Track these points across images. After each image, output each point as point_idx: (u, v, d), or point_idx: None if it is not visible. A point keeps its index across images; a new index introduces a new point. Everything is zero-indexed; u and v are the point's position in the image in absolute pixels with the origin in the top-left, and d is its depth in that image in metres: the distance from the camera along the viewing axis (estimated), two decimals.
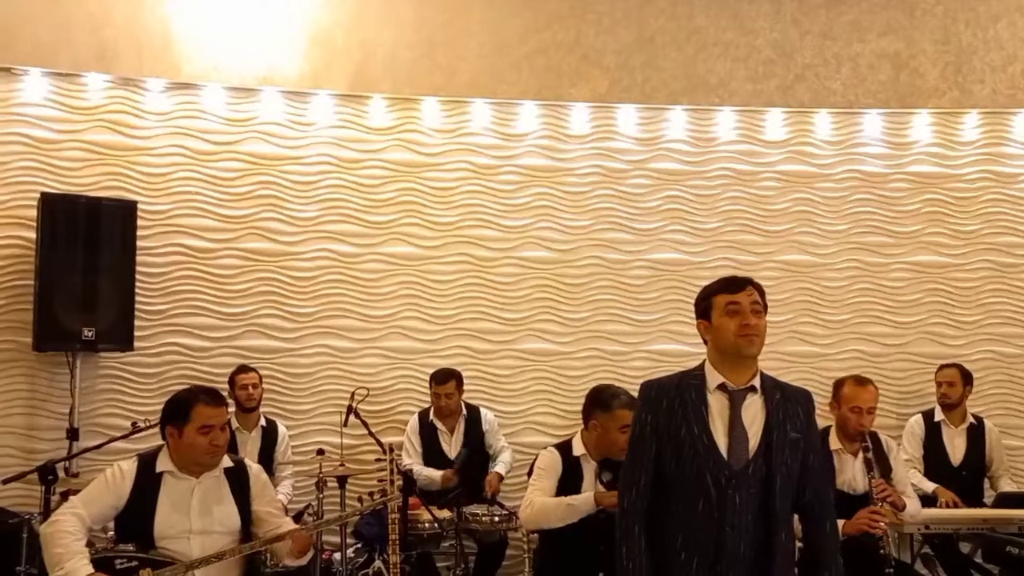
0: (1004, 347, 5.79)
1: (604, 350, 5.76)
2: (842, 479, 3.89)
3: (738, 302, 2.45)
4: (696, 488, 2.40)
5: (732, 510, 2.37)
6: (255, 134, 5.58)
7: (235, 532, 3.15)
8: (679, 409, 2.45)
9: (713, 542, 2.36)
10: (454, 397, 5.14)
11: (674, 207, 5.85)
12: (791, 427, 2.44)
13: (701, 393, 2.46)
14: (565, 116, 5.83)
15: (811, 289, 5.83)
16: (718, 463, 2.39)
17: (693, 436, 2.41)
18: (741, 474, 2.38)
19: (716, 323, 2.46)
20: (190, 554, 3.03)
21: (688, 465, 2.41)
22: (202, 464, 3.10)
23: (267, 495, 3.26)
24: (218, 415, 3.09)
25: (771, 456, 2.39)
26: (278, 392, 5.47)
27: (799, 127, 5.90)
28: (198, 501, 3.11)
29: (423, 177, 5.70)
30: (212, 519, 3.11)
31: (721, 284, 2.54)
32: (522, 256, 5.76)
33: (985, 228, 5.85)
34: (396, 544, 3.32)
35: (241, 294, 5.51)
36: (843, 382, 3.98)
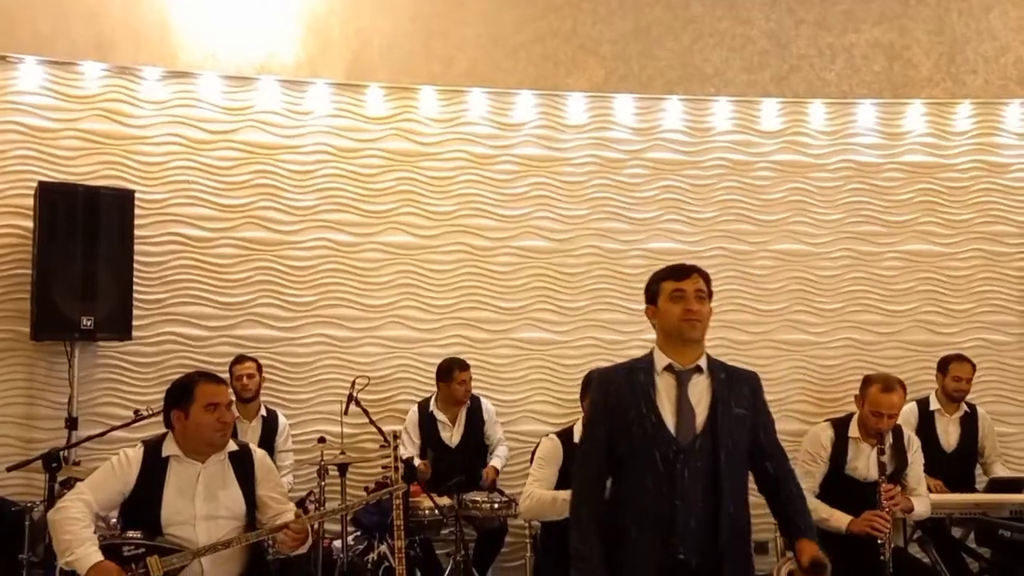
0: (995, 335, 5.86)
1: (601, 339, 5.80)
2: (854, 465, 3.93)
3: (683, 289, 2.58)
4: (645, 465, 2.49)
5: (681, 484, 2.46)
6: (252, 123, 5.58)
7: (240, 517, 3.18)
8: (628, 392, 2.56)
9: (665, 517, 2.45)
10: (470, 383, 5.19)
11: (670, 197, 5.88)
12: (736, 404, 2.56)
13: (649, 375, 2.58)
14: (562, 106, 5.85)
15: (805, 278, 5.88)
16: (666, 439, 2.49)
17: (641, 415, 2.52)
18: (688, 449, 2.48)
19: (662, 308, 2.59)
20: (196, 540, 3.06)
21: (637, 443, 2.52)
22: (211, 444, 3.14)
23: (271, 480, 3.29)
24: (221, 392, 3.15)
25: (716, 431, 2.50)
26: (277, 381, 5.48)
27: (793, 117, 5.94)
28: (203, 486, 3.14)
29: (420, 166, 5.71)
30: (218, 504, 3.14)
31: (668, 271, 2.67)
32: (519, 246, 5.78)
33: (977, 217, 5.91)
34: (400, 529, 3.35)
35: (239, 283, 5.51)
36: (871, 382, 3.92)
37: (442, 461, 4.94)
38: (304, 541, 3.15)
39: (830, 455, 3.96)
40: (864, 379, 4.03)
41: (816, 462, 3.96)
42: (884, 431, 3.86)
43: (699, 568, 2.45)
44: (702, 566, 2.46)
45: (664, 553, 2.45)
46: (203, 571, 3.08)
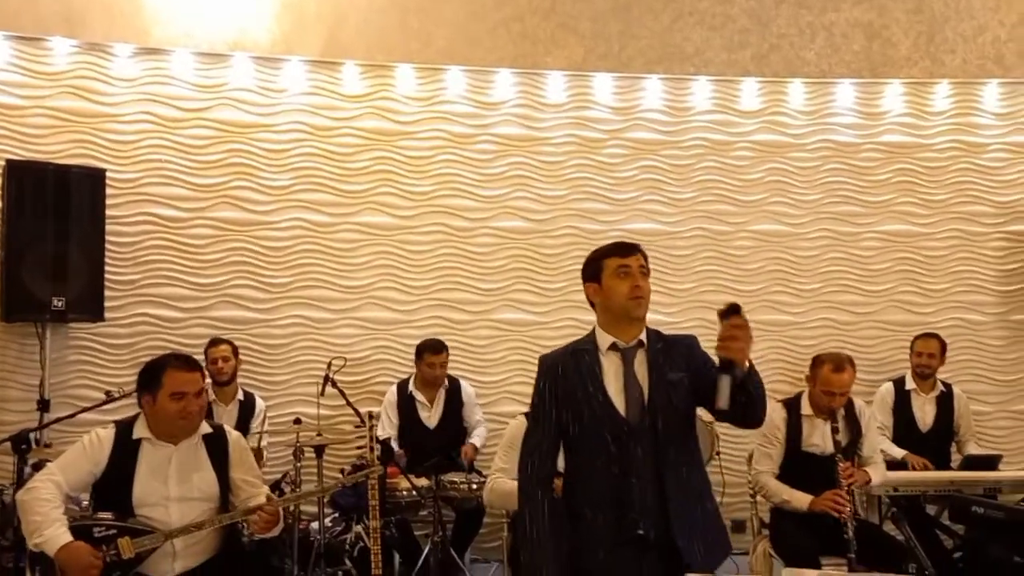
0: (971, 315, 5.90)
1: (580, 320, 5.73)
2: (812, 441, 3.98)
3: (628, 265, 2.53)
4: (596, 446, 2.48)
5: (635, 460, 2.45)
6: (225, 101, 5.49)
7: (214, 499, 3.14)
8: (574, 374, 2.53)
9: (620, 495, 2.44)
10: (447, 367, 5.17)
11: (649, 177, 5.86)
12: (672, 370, 2.53)
13: (594, 355, 2.54)
14: (541, 84, 5.80)
15: (783, 258, 5.89)
16: (614, 419, 2.48)
17: (588, 395, 2.50)
18: (638, 426, 2.47)
19: (607, 285, 2.54)
20: (169, 521, 3.03)
21: (587, 425, 2.50)
22: (176, 432, 3.08)
23: (246, 463, 3.25)
24: (191, 381, 3.05)
25: (655, 403, 2.48)
26: (253, 363, 5.42)
27: (773, 97, 5.92)
28: (176, 468, 3.10)
29: (398, 146, 5.65)
30: (191, 486, 3.10)
31: (611, 248, 2.62)
32: (498, 226, 5.74)
33: (954, 197, 5.93)
34: (376, 510, 3.32)
35: (213, 264, 5.44)
36: (822, 362, 3.98)
37: (420, 442, 4.92)
38: (276, 524, 3.11)
39: (785, 434, 4.00)
40: (814, 359, 4.07)
41: (773, 443, 4.00)
42: (836, 409, 3.89)
43: (658, 540, 2.45)
44: (661, 538, 2.45)
45: (621, 530, 2.44)
46: (175, 552, 3.04)
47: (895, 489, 4.55)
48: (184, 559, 3.07)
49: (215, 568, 3.14)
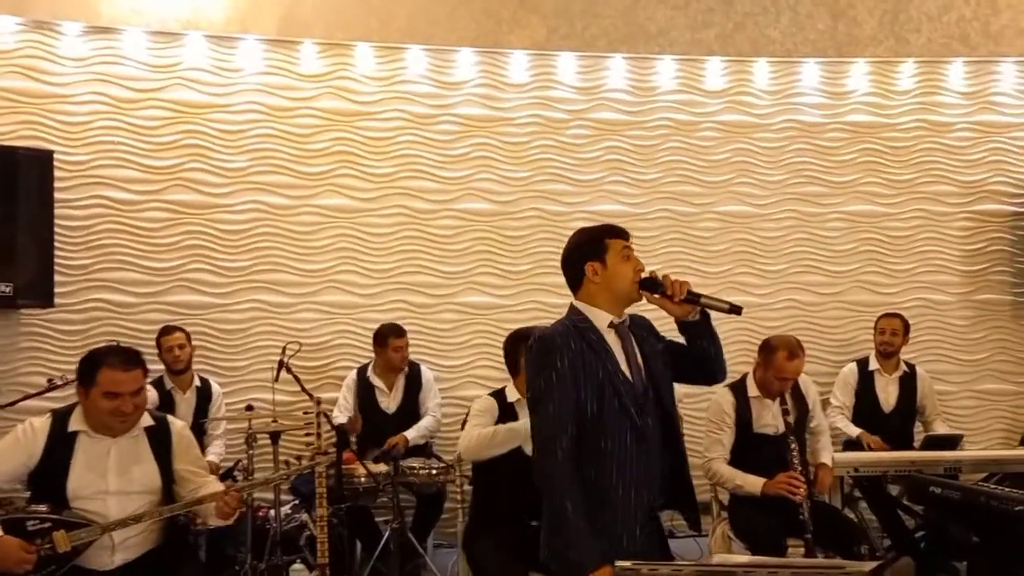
0: (936, 295, 5.90)
1: (545, 303, 5.71)
2: (763, 422, 3.95)
3: (630, 247, 2.54)
4: (622, 421, 2.45)
5: (650, 434, 2.48)
6: (179, 81, 5.36)
7: (156, 492, 3.05)
8: (589, 352, 2.47)
9: (645, 469, 2.45)
10: (407, 350, 5.08)
11: (614, 158, 5.79)
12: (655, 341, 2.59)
13: (599, 334, 2.50)
14: (503, 64, 5.70)
15: (749, 240, 5.85)
16: (633, 394, 2.47)
17: (609, 374, 2.46)
18: (645, 400, 2.49)
19: (612, 267, 2.50)
20: (107, 514, 2.93)
21: (610, 403, 2.45)
22: (112, 429, 2.98)
23: (191, 454, 3.16)
24: (126, 381, 2.90)
25: (655, 376, 2.53)
26: (210, 349, 5.33)
27: (738, 76, 5.86)
28: (115, 461, 3.00)
29: (357, 126, 5.54)
30: (131, 479, 3.00)
31: (611, 229, 2.60)
32: (461, 208, 5.66)
33: (919, 177, 5.91)
34: (323, 497, 3.25)
35: (168, 248, 5.33)
36: (776, 348, 3.92)
37: (378, 428, 4.85)
38: (233, 514, 3.02)
39: (735, 418, 3.99)
40: (764, 344, 4.02)
41: (723, 428, 3.98)
42: (786, 392, 3.89)
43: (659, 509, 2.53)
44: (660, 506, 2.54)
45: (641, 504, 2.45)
46: (114, 544, 2.95)
47: (856, 469, 4.55)
48: (124, 551, 2.98)
49: (156, 560, 3.05)
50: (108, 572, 2.96)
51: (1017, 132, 5.94)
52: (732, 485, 3.87)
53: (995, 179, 5.93)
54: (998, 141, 5.93)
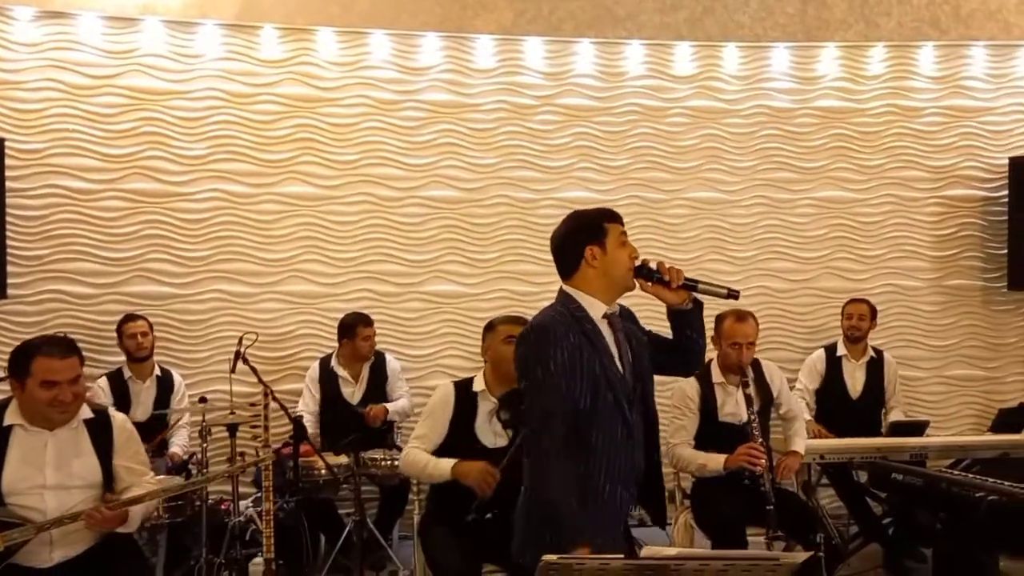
0: (906, 280, 5.87)
1: (513, 291, 5.66)
2: (727, 411, 3.92)
3: (626, 234, 2.48)
4: (615, 416, 2.40)
5: (636, 429, 2.44)
6: (136, 67, 5.24)
7: (96, 486, 2.98)
8: (586, 343, 2.40)
9: (629, 465, 2.41)
10: (374, 339, 5.02)
11: (583, 144, 5.72)
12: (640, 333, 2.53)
13: (594, 325, 2.43)
14: (469, 49, 5.61)
15: (718, 226, 5.80)
16: (625, 388, 2.43)
17: (604, 367, 2.41)
18: (635, 394, 2.45)
19: (612, 253, 2.42)
20: (44, 510, 2.87)
21: (603, 397, 2.39)
22: (50, 420, 2.90)
23: (130, 449, 3.08)
24: (63, 369, 2.83)
25: (639, 367, 2.47)
26: (170, 340, 5.24)
27: (707, 61, 5.79)
28: (54, 454, 2.92)
29: (320, 113, 5.44)
30: (70, 473, 2.93)
31: (609, 213, 2.52)
32: (427, 195, 5.58)
33: (889, 163, 5.87)
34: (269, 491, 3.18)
35: (127, 237, 5.22)
36: (723, 317, 3.98)
37: (343, 419, 4.79)
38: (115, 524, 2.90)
39: (699, 405, 3.94)
40: (716, 319, 4.00)
41: (686, 414, 3.95)
42: (745, 363, 3.86)
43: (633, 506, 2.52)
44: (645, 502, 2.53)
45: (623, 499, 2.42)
46: (52, 541, 2.88)
47: (822, 456, 4.52)
48: (63, 548, 2.92)
49: (99, 556, 2.98)
50: (46, 570, 2.89)
51: (987, 116, 5.90)
52: (695, 466, 3.82)
53: (965, 164, 5.90)
54: (968, 126, 5.90)
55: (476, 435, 3.37)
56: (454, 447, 3.35)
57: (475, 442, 3.35)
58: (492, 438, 3.36)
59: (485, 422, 3.38)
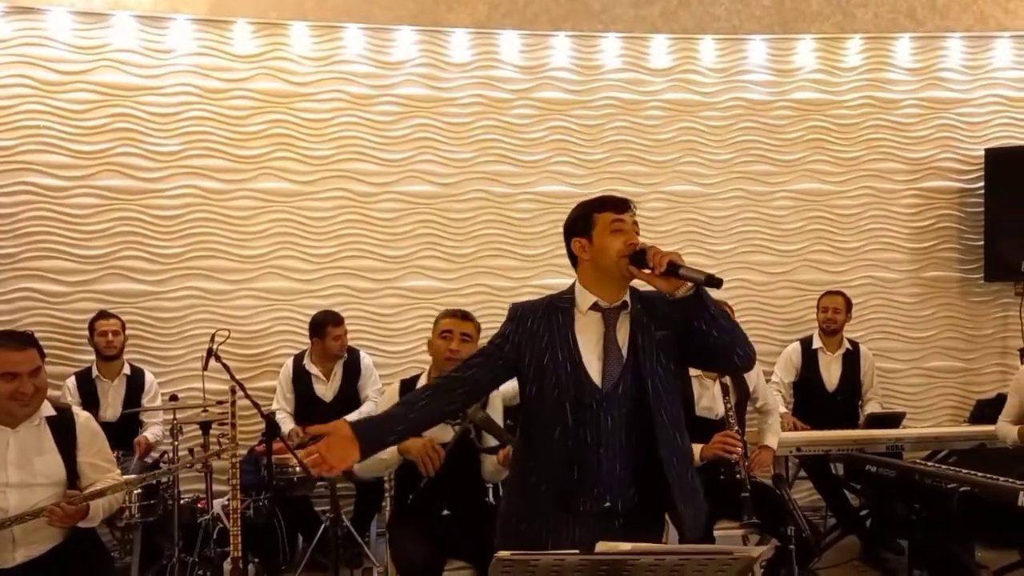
0: (883, 272, 5.87)
1: (491, 286, 5.64)
2: (702, 405, 3.90)
3: (623, 220, 2.34)
4: (554, 415, 2.31)
5: (602, 432, 2.29)
6: (107, 63, 5.19)
7: (60, 483, 2.95)
8: (544, 333, 2.35)
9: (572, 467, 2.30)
10: (347, 337, 4.99)
11: (559, 138, 5.69)
12: (657, 327, 2.34)
13: (570, 316, 2.37)
14: (444, 43, 5.58)
15: (696, 220, 5.79)
16: (582, 388, 2.30)
17: (557, 362, 2.32)
18: (611, 394, 2.30)
19: (599, 242, 2.32)
20: (6, 508, 2.85)
21: (548, 391, 2.33)
22: (10, 415, 2.87)
23: (94, 446, 3.05)
24: (20, 361, 2.83)
25: (639, 366, 2.30)
26: (144, 338, 5.20)
27: (683, 54, 5.77)
28: (16, 453, 2.89)
29: (294, 108, 5.41)
30: (33, 471, 2.90)
31: (604, 202, 2.40)
32: (403, 191, 5.55)
33: (866, 155, 5.87)
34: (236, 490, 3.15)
35: (99, 235, 5.18)
36: None
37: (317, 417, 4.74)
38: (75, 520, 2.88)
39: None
40: None
41: None
42: None
43: (624, 511, 2.32)
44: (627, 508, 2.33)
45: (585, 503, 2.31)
46: (15, 540, 2.85)
47: (798, 449, 4.52)
48: (26, 547, 2.88)
49: (63, 556, 2.95)
50: (9, 570, 2.86)
51: (964, 108, 5.91)
52: None
53: (942, 156, 5.90)
54: (945, 117, 5.90)
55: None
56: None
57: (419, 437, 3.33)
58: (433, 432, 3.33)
59: None
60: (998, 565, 4.09)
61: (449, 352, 3.28)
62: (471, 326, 3.37)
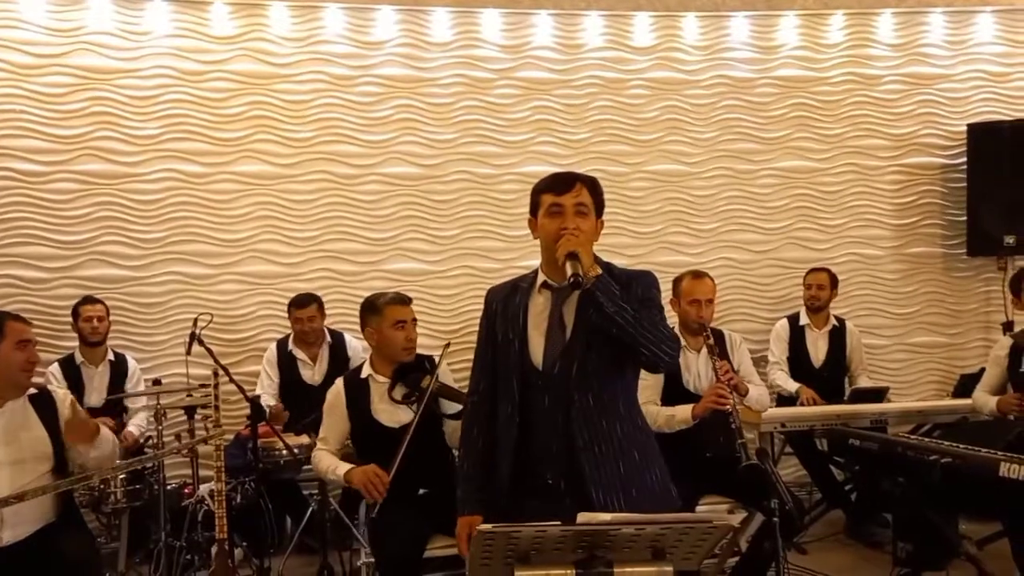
0: (867, 249, 5.90)
1: (476, 267, 5.62)
2: (688, 377, 3.90)
3: (561, 204, 2.30)
4: (505, 392, 2.37)
5: (540, 410, 2.32)
6: (83, 45, 5.12)
7: (48, 459, 3.02)
8: (503, 313, 2.40)
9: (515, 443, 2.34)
10: (316, 321, 4.92)
11: (543, 118, 5.67)
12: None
13: (526, 295, 2.39)
14: (425, 22, 5.53)
15: (681, 198, 5.78)
16: (525, 365, 2.34)
17: (508, 340, 2.37)
18: (548, 374, 2.32)
19: (540, 223, 2.34)
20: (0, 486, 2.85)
21: (503, 368, 2.39)
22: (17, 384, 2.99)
23: None
24: (30, 332, 3.04)
25: (573, 346, 2.30)
26: (127, 323, 5.16)
27: (666, 32, 5.75)
28: (2, 430, 2.95)
29: (274, 89, 5.35)
30: (20, 447, 2.97)
31: (548, 182, 2.37)
32: (386, 172, 5.51)
33: (849, 132, 5.87)
34: (220, 472, 3.14)
35: (79, 220, 5.13)
36: (681, 278, 3.99)
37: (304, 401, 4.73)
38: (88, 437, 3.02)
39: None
40: (673, 280, 4.00)
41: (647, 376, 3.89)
42: (706, 320, 3.84)
43: (568, 489, 2.30)
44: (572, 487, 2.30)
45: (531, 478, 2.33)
46: (2, 521, 2.86)
47: (783, 424, 4.54)
48: (13, 528, 2.91)
49: (50, 536, 2.96)
50: None
51: (945, 84, 5.92)
52: (663, 419, 3.73)
53: (924, 132, 5.91)
54: (927, 93, 5.91)
55: (375, 418, 3.38)
56: (360, 435, 3.43)
57: (375, 424, 3.37)
58: (389, 417, 3.37)
59: (380, 404, 3.39)
60: (980, 536, 4.13)
61: (407, 342, 3.34)
62: (412, 309, 3.47)
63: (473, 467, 2.42)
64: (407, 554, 3.02)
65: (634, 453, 2.35)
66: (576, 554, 1.77)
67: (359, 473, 3.17)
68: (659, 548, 1.78)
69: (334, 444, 3.43)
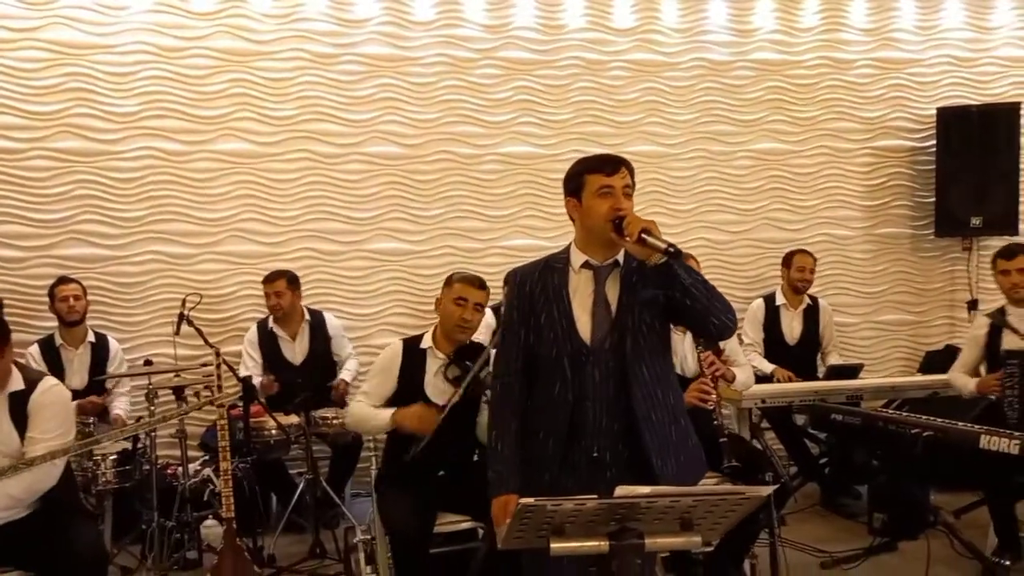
0: (838, 229, 6.05)
1: (458, 247, 5.64)
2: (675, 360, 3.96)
3: (612, 186, 2.35)
4: (554, 370, 2.40)
5: (591, 384, 2.37)
6: (58, 19, 5.01)
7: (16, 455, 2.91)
8: (541, 294, 2.44)
9: (567, 421, 2.37)
10: (285, 296, 4.89)
11: (524, 98, 5.69)
12: (647, 285, 2.37)
13: (564, 275, 2.45)
14: (407, 1, 5.50)
15: (660, 180, 5.86)
16: (576, 343, 2.39)
17: (553, 319, 2.41)
18: (599, 349, 2.37)
19: (587, 204, 2.36)
20: None
21: (548, 348, 2.42)
22: None
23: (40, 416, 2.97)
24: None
25: (624, 322, 2.37)
26: (107, 303, 5.10)
27: (646, 14, 5.80)
28: None
29: (255, 67, 5.29)
30: None
31: (596, 162, 2.41)
32: (368, 152, 5.49)
33: (823, 114, 6.00)
34: (226, 451, 3.14)
35: (56, 199, 5.03)
36: None
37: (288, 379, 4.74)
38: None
39: None
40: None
41: None
42: None
43: (616, 460, 2.38)
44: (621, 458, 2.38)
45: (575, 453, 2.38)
46: None
47: (763, 401, 4.67)
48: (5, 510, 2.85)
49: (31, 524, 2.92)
50: None
51: (915, 68, 6.08)
52: None
53: (895, 115, 6.07)
54: (897, 77, 6.06)
55: (425, 391, 3.37)
56: (402, 402, 3.37)
57: (421, 396, 3.36)
58: (436, 393, 3.35)
59: (433, 379, 3.38)
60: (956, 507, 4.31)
61: (462, 321, 3.32)
62: (484, 296, 3.41)
63: (508, 448, 2.42)
64: (420, 528, 3.06)
65: (681, 420, 2.49)
66: (609, 526, 1.83)
67: (411, 412, 3.21)
68: (688, 520, 1.85)
69: (375, 401, 3.40)
